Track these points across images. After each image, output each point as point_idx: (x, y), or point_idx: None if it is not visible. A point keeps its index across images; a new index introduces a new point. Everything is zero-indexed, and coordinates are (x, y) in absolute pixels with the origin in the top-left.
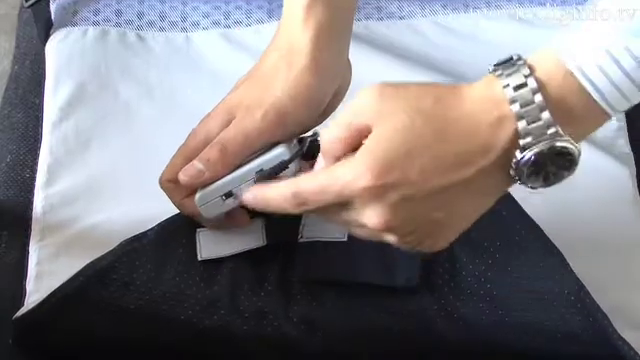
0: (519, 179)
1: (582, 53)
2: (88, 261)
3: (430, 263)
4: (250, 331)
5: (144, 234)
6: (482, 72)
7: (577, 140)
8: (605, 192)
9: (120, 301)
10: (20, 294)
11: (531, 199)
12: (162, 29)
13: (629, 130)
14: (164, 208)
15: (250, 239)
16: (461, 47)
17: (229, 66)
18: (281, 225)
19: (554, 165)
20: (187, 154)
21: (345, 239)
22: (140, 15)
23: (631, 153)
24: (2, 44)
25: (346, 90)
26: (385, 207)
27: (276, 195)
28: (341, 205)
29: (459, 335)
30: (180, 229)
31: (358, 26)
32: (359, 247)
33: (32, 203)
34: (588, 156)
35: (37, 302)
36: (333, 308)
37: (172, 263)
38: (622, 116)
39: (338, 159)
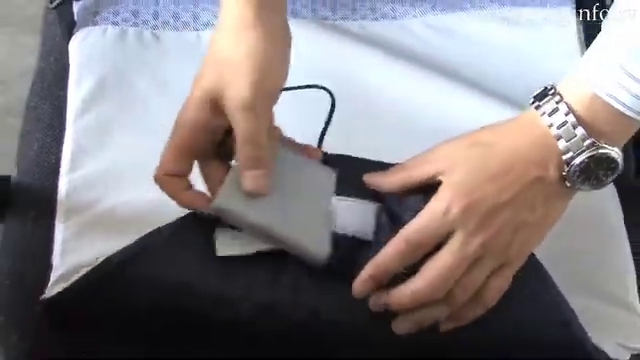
0: (574, 186)
1: (602, 76)
2: (109, 239)
3: None
4: (259, 325)
5: (159, 229)
6: (470, 67)
7: (619, 143)
8: None
9: (135, 293)
10: (47, 267)
11: None
12: (175, 28)
13: None
14: None
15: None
16: (450, 45)
17: None
18: None
19: (600, 169)
20: (177, 145)
21: (371, 239)
22: (155, 15)
23: None
24: (30, 42)
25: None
26: (480, 220)
27: (390, 254)
28: (446, 236)
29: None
30: (196, 227)
31: (354, 26)
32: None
33: (57, 186)
34: None
35: (61, 289)
36: (340, 300)
37: (187, 257)
38: None
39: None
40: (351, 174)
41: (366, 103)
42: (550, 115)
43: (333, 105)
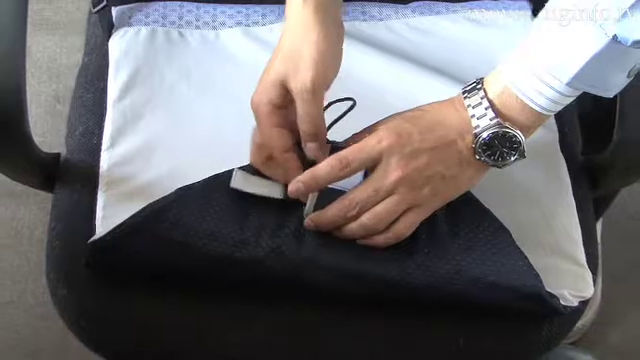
0: (481, 158)
1: (521, 75)
2: (142, 206)
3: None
4: (269, 263)
5: (192, 184)
6: (442, 60)
7: (529, 131)
8: (534, 152)
9: (170, 235)
10: (91, 230)
11: None
12: (197, 27)
13: None
14: (201, 166)
15: (272, 190)
16: (426, 42)
17: (248, 56)
18: None
19: (504, 147)
20: (268, 122)
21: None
22: (180, 17)
23: (555, 124)
24: (77, 42)
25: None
26: (402, 157)
27: (323, 166)
28: (372, 164)
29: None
30: (220, 184)
31: (346, 26)
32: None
33: (99, 162)
34: None
35: (106, 231)
36: (335, 251)
37: (213, 208)
38: None
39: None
40: None
41: (358, 95)
42: (470, 98)
43: (351, 107)
